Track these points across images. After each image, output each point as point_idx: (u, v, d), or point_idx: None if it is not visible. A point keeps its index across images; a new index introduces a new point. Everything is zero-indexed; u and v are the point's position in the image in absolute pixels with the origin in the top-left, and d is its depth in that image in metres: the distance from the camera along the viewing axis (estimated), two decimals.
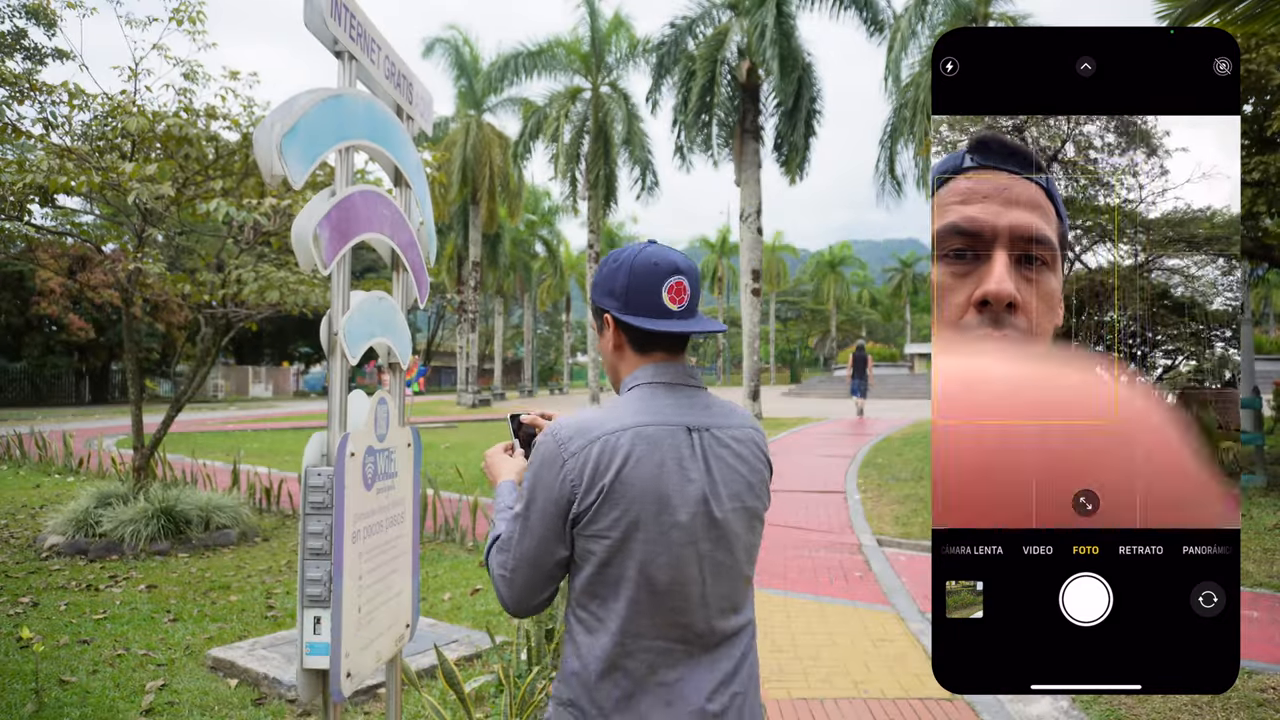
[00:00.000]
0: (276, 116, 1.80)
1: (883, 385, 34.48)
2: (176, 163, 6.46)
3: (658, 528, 1.37)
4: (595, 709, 1.40)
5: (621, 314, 1.48)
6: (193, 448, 14.26)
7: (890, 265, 70.19)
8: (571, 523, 1.40)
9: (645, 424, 1.41)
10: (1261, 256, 10.05)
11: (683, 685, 1.39)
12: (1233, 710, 3.68)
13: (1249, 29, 5.35)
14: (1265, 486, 8.91)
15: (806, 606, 5.49)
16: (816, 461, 13.03)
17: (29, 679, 4.09)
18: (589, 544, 1.39)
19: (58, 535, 7.04)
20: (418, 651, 4.37)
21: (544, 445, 1.44)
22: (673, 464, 1.39)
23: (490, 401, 33.43)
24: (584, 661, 1.41)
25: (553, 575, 1.45)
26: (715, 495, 1.41)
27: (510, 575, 1.46)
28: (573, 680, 1.43)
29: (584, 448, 1.39)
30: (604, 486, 1.36)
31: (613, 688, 1.39)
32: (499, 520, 1.59)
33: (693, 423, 1.44)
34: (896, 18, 20.58)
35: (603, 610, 1.40)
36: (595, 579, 1.40)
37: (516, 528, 1.46)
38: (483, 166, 29.72)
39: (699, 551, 1.40)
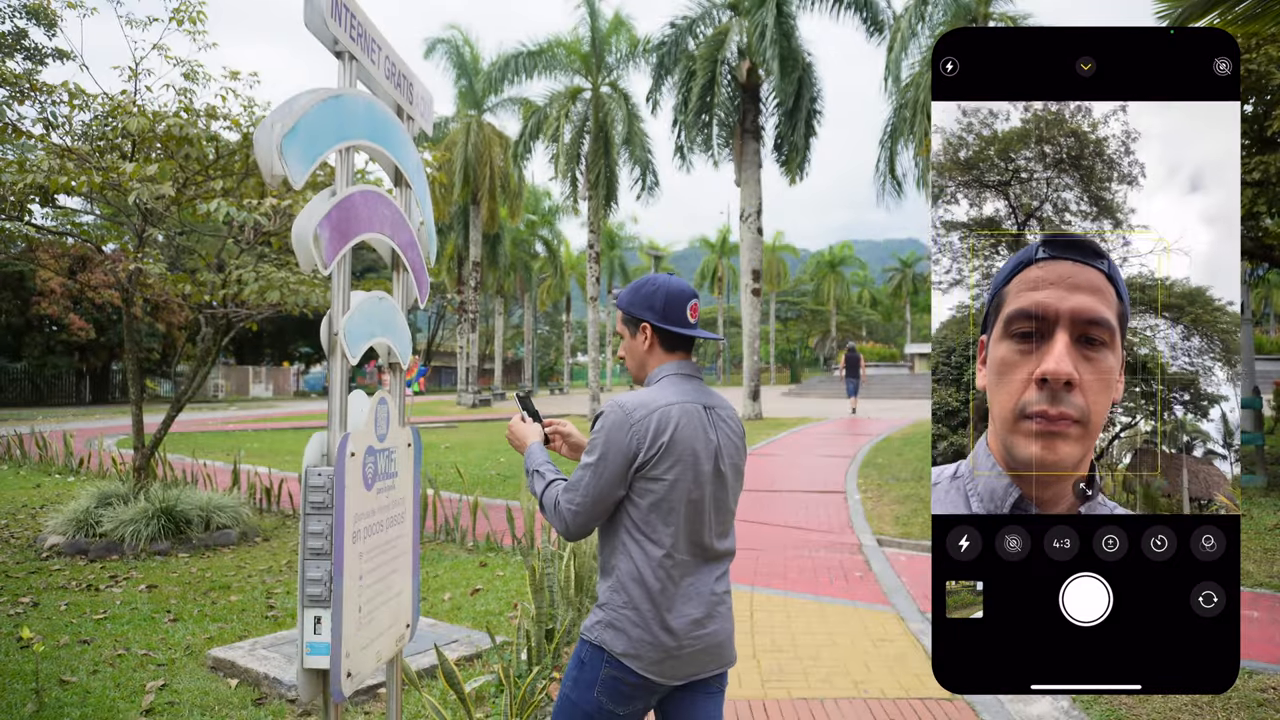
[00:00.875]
0: (277, 116, 1.80)
1: (883, 385, 34.51)
2: (177, 163, 6.46)
3: (694, 474, 2.01)
4: (649, 604, 1.98)
5: (660, 323, 2.10)
6: (193, 448, 14.27)
7: (890, 265, 70.18)
8: (636, 469, 1.98)
9: (684, 401, 2.04)
10: (1261, 256, 10.05)
11: (698, 584, 2.03)
12: (1233, 710, 3.68)
13: (1249, 29, 5.35)
14: (1265, 486, 8.91)
15: (806, 606, 5.49)
16: (816, 461, 13.03)
17: (29, 679, 4.09)
18: (650, 484, 1.98)
19: (58, 535, 7.05)
20: (418, 651, 4.37)
21: (613, 415, 2.00)
22: (700, 430, 2.03)
23: (490, 401, 33.42)
24: (640, 568, 1.98)
25: (608, 510, 2.02)
26: (721, 453, 2.07)
27: (577, 509, 2.00)
28: (630, 584, 1.99)
29: (645, 416, 1.99)
30: (663, 443, 1.97)
31: (661, 585, 1.98)
32: (545, 470, 2.14)
33: (706, 403, 2.08)
34: (896, 18, 20.57)
35: (660, 530, 1.99)
36: (654, 508, 1.99)
37: (588, 474, 1.99)
38: (483, 166, 29.72)
39: (712, 492, 2.04)
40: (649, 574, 1.98)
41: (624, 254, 55.94)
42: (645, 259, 54.04)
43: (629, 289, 2.16)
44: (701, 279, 60.74)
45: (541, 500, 2.09)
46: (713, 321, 59.53)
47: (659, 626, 1.97)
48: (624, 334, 2.17)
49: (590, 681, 2.01)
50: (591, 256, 27.08)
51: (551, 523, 2.06)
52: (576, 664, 2.07)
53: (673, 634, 1.98)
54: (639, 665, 1.97)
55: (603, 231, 28.92)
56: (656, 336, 2.11)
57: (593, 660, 2.02)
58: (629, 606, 1.98)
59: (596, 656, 2.01)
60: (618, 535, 2.02)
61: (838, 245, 64.62)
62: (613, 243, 51.42)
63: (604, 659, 2.00)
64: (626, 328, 2.16)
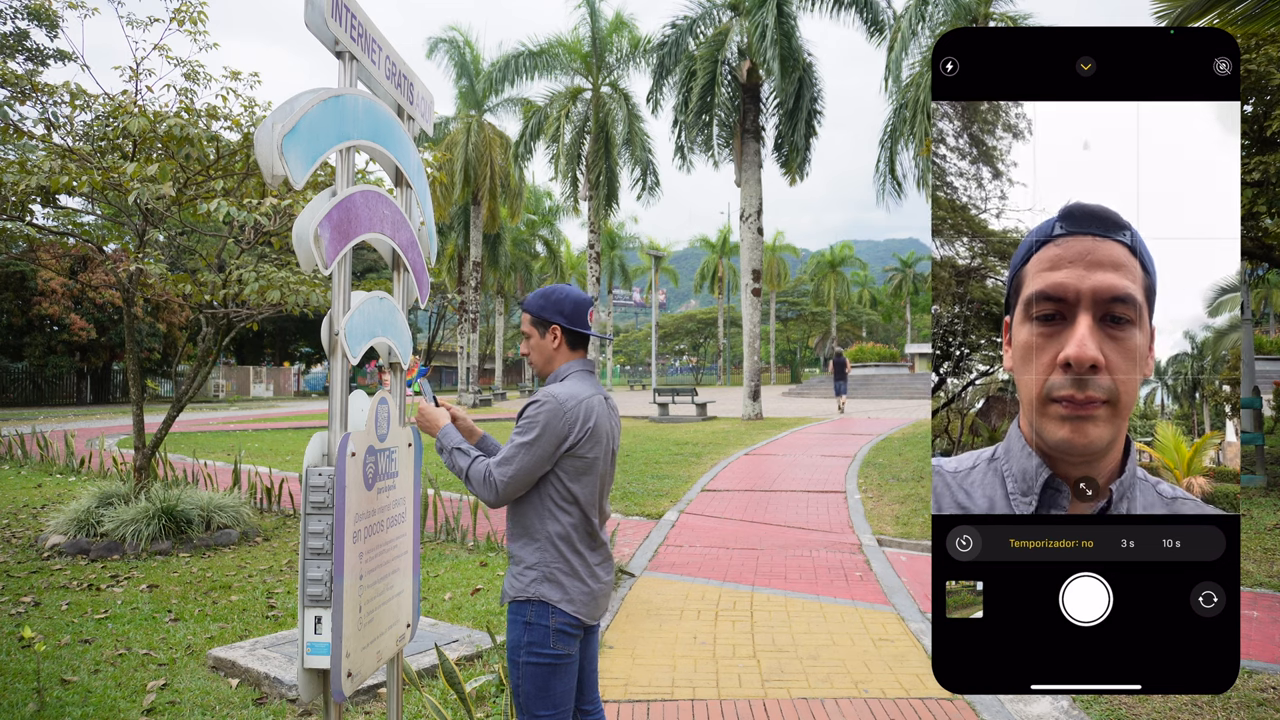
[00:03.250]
0: (278, 116, 1.80)
1: (883, 385, 34.53)
2: (178, 163, 6.46)
3: (605, 454, 2.48)
4: (577, 557, 2.40)
5: (569, 325, 2.49)
6: (194, 448, 14.27)
7: (890, 265, 70.14)
8: (566, 450, 2.36)
9: (596, 394, 2.47)
10: (1261, 256, 10.05)
11: (599, 540, 2.50)
12: (1233, 710, 3.68)
13: (1249, 29, 5.35)
14: (1265, 486, 8.91)
15: (806, 606, 5.49)
16: (816, 461, 13.03)
17: (31, 678, 4.09)
18: (575, 461, 2.38)
19: (59, 535, 7.05)
20: (418, 651, 4.38)
21: (550, 404, 2.34)
22: (607, 418, 2.49)
23: (491, 401, 33.42)
24: (567, 529, 2.39)
25: (531, 483, 2.36)
26: (614, 437, 2.55)
27: (510, 480, 2.32)
28: (559, 543, 2.38)
29: (576, 406, 2.38)
30: (589, 429, 2.39)
31: (582, 541, 2.42)
32: (466, 448, 2.44)
33: (604, 395, 2.53)
34: (896, 18, 20.56)
35: (581, 499, 2.41)
36: (575, 481, 2.39)
37: (522, 452, 2.31)
38: (484, 167, 29.72)
39: (609, 469, 2.54)
40: (574, 534, 2.40)
41: (624, 254, 55.91)
42: (645, 259, 53.97)
43: (539, 296, 2.53)
44: (702, 279, 60.72)
45: (469, 471, 2.37)
46: (713, 321, 59.30)
47: (586, 574, 2.41)
48: (532, 334, 2.52)
49: (544, 635, 2.35)
50: (592, 256, 27.08)
51: (478, 491, 2.36)
52: (522, 629, 2.37)
53: (595, 579, 2.44)
54: (573, 609, 2.37)
55: (603, 231, 28.93)
56: (564, 336, 2.50)
57: (539, 615, 2.36)
58: (560, 560, 2.38)
59: (542, 610, 2.36)
60: (544, 504, 2.39)
61: (838, 245, 64.56)
62: (613, 243, 51.37)
63: (549, 610, 2.36)
64: (536, 329, 2.52)
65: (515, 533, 2.43)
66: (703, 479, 11.13)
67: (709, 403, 23.21)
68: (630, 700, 3.95)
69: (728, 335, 60.97)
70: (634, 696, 4.00)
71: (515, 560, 2.42)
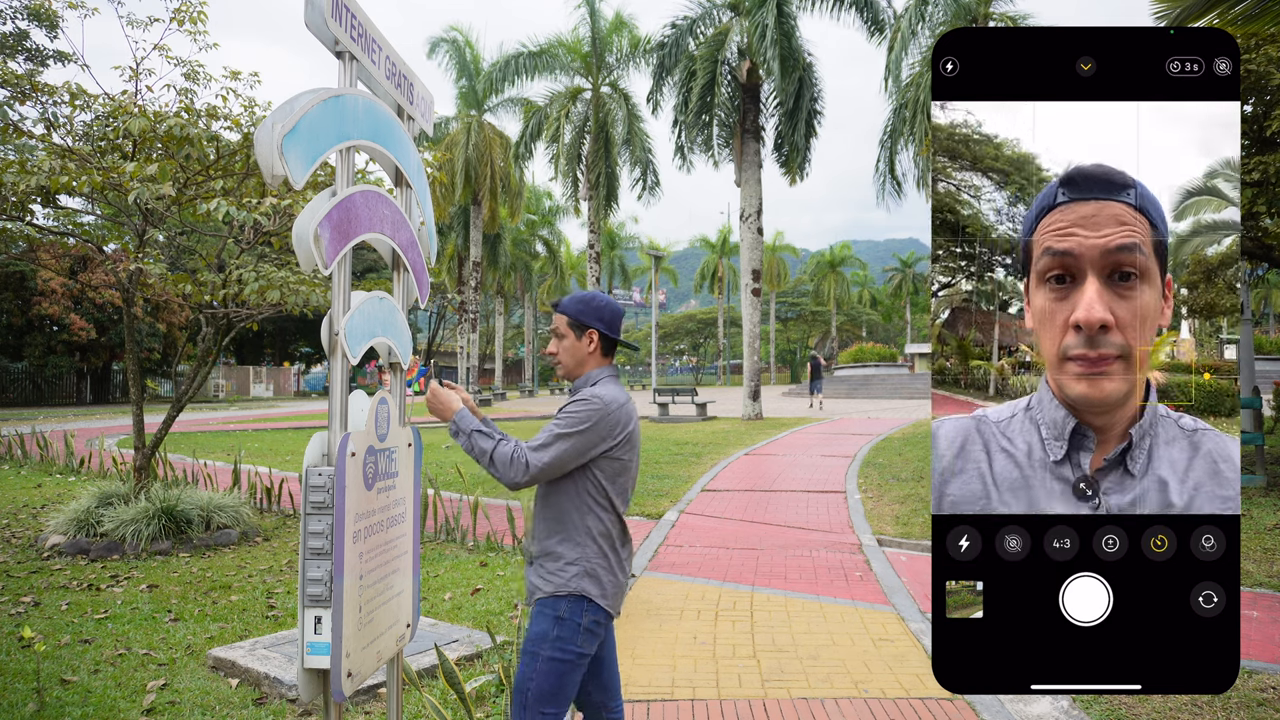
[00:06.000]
0: (278, 116, 1.80)
1: (882, 385, 34.55)
2: (177, 163, 6.46)
3: (636, 456, 2.61)
4: (613, 553, 2.50)
5: (607, 331, 2.60)
6: (194, 448, 14.28)
7: (890, 265, 70.17)
8: (603, 451, 2.46)
9: (629, 400, 2.58)
10: (1261, 256, 10.05)
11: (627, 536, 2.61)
12: (1233, 710, 3.68)
13: (1248, 29, 5.35)
14: (1265, 486, 8.91)
15: (807, 606, 5.49)
16: (816, 461, 13.03)
17: (30, 678, 4.09)
18: (613, 463, 2.49)
19: (59, 535, 7.05)
20: (418, 651, 4.38)
21: (598, 405, 2.45)
22: (637, 423, 2.61)
23: (491, 401, 33.41)
24: (606, 525, 2.49)
25: (559, 473, 2.43)
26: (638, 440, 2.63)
27: (545, 465, 2.38)
28: (599, 538, 2.47)
29: (618, 410, 2.49)
30: (628, 431, 2.53)
31: (617, 537, 2.53)
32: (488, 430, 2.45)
33: (630, 399, 2.62)
34: (896, 18, 20.57)
35: (616, 498, 2.52)
36: (612, 481, 2.50)
37: (563, 442, 2.40)
38: (484, 167, 29.74)
39: (637, 471, 2.62)
40: (612, 530, 2.51)
41: (624, 254, 55.94)
42: (645, 259, 53.97)
43: (578, 300, 2.60)
44: (701, 279, 60.73)
45: (494, 453, 2.39)
46: (713, 321, 59.21)
47: (619, 569, 2.52)
48: (568, 335, 2.58)
49: (572, 632, 2.40)
50: (592, 256, 27.09)
51: (501, 472, 2.38)
52: (553, 623, 2.39)
53: (624, 573, 2.55)
54: (608, 604, 2.47)
55: (603, 231, 28.94)
56: (600, 342, 2.59)
57: (573, 611, 2.41)
58: (600, 556, 2.47)
59: (577, 606, 2.41)
60: (584, 502, 2.47)
61: (838, 245, 64.60)
62: (613, 243, 51.41)
63: (584, 606, 2.42)
64: (572, 330, 2.58)
65: (549, 530, 2.49)
66: (703, 479, 11.13)
67: (709, 403, 23.22)
68: (630, 700, 3.95)
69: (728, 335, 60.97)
70: (634, 696, 4.00)
71: (553, 557, 2.46)
